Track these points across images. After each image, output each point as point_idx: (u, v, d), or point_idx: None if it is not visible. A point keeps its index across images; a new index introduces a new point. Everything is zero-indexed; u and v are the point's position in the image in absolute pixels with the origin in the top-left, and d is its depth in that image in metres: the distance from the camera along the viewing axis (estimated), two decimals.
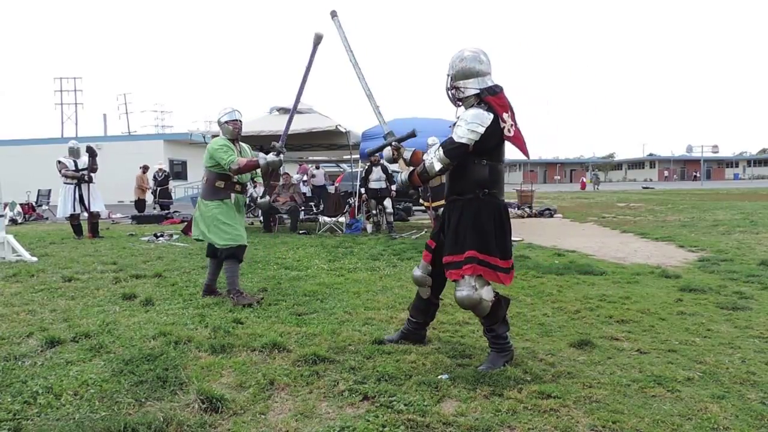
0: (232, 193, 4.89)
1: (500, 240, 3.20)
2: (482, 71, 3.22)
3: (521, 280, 5.76)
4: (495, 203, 3.23)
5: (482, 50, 3.28)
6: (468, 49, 3.27)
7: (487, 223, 3.17)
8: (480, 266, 3.13)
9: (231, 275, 4.85)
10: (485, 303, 3.14)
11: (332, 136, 11.53)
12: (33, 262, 7.26)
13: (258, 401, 2.75)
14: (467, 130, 3.10)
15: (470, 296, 3.11)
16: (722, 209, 16.04)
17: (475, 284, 3.13)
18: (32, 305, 4.77)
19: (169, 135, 36.72)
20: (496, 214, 3.21)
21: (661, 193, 30.88)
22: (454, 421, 2.50)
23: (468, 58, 3.22)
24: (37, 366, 3.24)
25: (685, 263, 6.90)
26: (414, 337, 3.62)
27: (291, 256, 7.57)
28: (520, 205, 17.16)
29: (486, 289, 3.17)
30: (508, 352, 3.24)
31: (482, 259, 3.14)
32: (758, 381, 2.96)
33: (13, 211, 15.46)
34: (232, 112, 4.96)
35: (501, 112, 3.16)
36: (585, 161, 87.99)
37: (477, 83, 3.21)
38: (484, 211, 3.18)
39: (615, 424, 2.46)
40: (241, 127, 4.98)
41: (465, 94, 3.24)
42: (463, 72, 3.22)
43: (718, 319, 4.21)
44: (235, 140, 4.96)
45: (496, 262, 3.17)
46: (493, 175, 3.22)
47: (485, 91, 3.19)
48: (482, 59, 3.23)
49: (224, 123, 4.92)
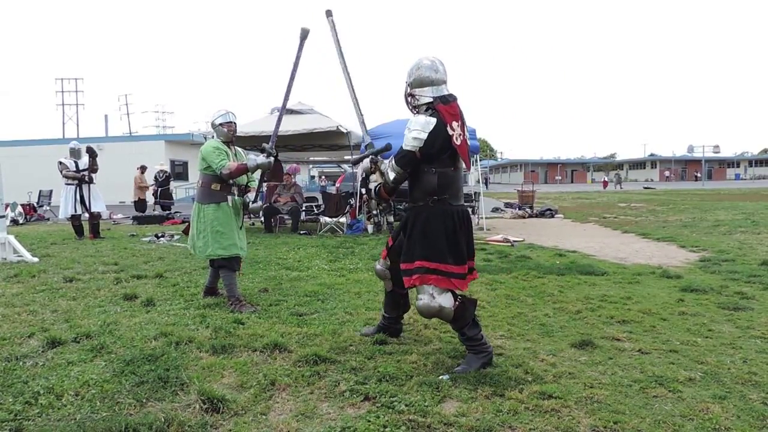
0: (229, 195, 4.78)
1: (452, 246, 3.19)
2: (438, 80, 3.29)
3: (522, 281, 5.76)
4: (446, 210, 3.23)
5: (439, 60, 3.35)
6: (426, 58, 3.34)
7: (437, 230, 3.19)
8: (430, 275, 3.15)
9: (228, 284, 4.74)
10: (446, 310, 3.16)
11: (333, 137, 11.52)
12: (34, 262, 7.27)
13: (259, 402, 2.75)
14: (411, 138, 3.17)
15: (428, 305, 3.14)
16: (723, 209, 16.02)
17: (433, 293, 3.15)
18: (33, 306, 4.78)
19: (171, 135, 36.76)
20: (447, 220, 3.21)
21: (663, 194, 30.86)
22: (455, 422, 2.49)
23: (424, 66, 3.30)
24: (38, 366, 3.24)
25: (687, 263, 6.89)
26: (390, 331, 3.74)
27: (292, 257, 7.57)
28: (521, 206, 17.17)
29: (444, 296, 3.16)
30: (485, 353, 3.22)
31: (432, 268, 3.15)
32: (760, 381, 2.96)
33: (15, 212, 15.49)
34: (227, 114, 4.85)
35: (450, 121, 3.20)
36: (586, 161, 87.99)
37: (432, 92, 3.28)
38: (433, 219, 3.21)
39: (616, 425, 2.46)
40: (235, 129, 4.89)
41: (420, 101, 3.31)
42: (419, 80, 3.29)
43: (719, 320, 4.20)
44: (230, 143, 4.89)
45: (448, 269, 3.16)
46: (442, 182, 3.23)
47: (438, 100, 3.25)
48: (438, 68, 3.30)
49: (218, 125, 4.83)
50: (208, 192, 4.75)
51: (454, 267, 3.18)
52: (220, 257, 4.71)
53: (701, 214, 14.53)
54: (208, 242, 4.71)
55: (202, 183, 4.80)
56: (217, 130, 4.87)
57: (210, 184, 4.74)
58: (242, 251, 4.86)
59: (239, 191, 4.89)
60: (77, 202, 10.05)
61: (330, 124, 11.15)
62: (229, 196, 4.79)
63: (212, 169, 4.69)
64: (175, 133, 40.72)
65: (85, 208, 10.09)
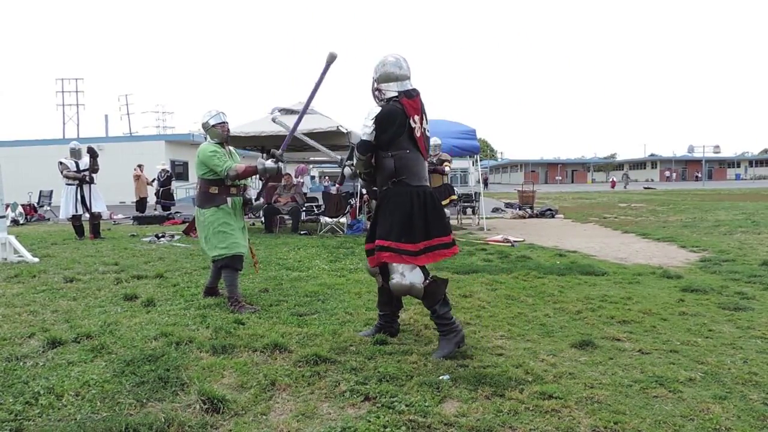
0: (228, 197, 4.77)
1: (406, 225, 3.38)
2: (402, 76, 3.55)
3: (522, 281, 5.76)
4: (404, 191, 3.46)
5: (403, 57, 3.62)
6: (391, 56, 3.60)
7: (392, 211, 3.43)
8: (383, 252, 3.39)
9: (230, 284, 4.71)
10: (416, 287, 3.38)
11: (333, 137, 11.51)
12: (34, 262, 7.27)
13: (259, 402, 2.75)
14: (363, 126, 3.48)
15: (400, 283, 3.38)
16: (724, 209, 16.02)
17: (403, 271, 3.38)
18: (34, 306, 4.78)
19: (171, 136, 36.76)
20: (404, 200, 3.43)
21: (663, 194, 30.86)
22: (456, 422, 2.49)
23: (390, 63, 3.56)
24: (38, 366, 3.25)
25: (687, 264, 6.89)
26: (387, 330, 3.79)
27: (292, 257, 7.58)
28: (521, 206, 17.17)
29: (413, 274, 3.38)
30: (455, 333, 3.42)
31: (386, 245, 3.39)
32: (760, 381, 2.96)
33: (15, 212, 15.49)
34: (218, 114, 4.82)
35: (412, 114, 3.49)
36: (587, 161, 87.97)
37: (397, 86, 3.54)
38: (392, 200, 3.46)
39: (616, 425, 2.46)
40: (228, 129, 4.87)
41: (386, 95, 3.56)
42: (385, 76, 3.56)
43: (719, 320, 4.20)
44: (224, 143, 4.87)
45: (399, 246, 3.36)
46: (398, 164, 3.47)
47: (402, 94, 3.52)
48: (402, 65, 3.57)
49: (212, 126, 4.79)
50: (206, 196, 4.74)
51: (405, 245, 3.37)
52: (223, 257, 4.70)
53: (701, 215, 14.53)
54: (211, 244, 4.72)
55: (201, 187, 4.79)
56: (211, 132, 4.83)
57: (208, 188, 4.73)
58: (245, 249, 4.85)
59: (238, 191, 4.87)
60: (78, 203, 10.05)
61: (330, 124, 11.15)
62: (228, 197, 4.77)
63: (211, 172, 4.66)
64: (176, 134, 40.70)
65: (86, 209, 10.09)
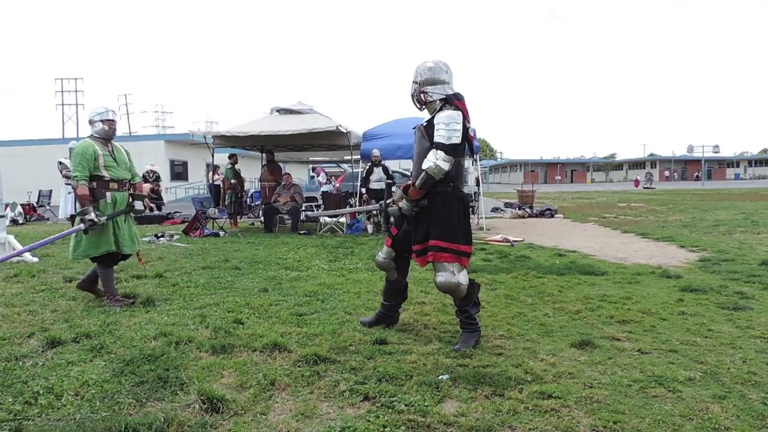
0: (108, 192, 4.73)
1: (463, 227, 3.58)
2: (448, 80, 3.66)
3: (522, 281, 5.76)
4: (459, 195, 3.63)
5: (444, 62, 3.70)
6: (431, 60, 3.70)
7: (451, 213, 3.53)
8: (442, 253, 3.49)
9: (104, 279, 4.74)
10: (462, 286, 3.52)
11: (333, 137, 11.53)
12: (34, 262, 7.27)
13: (259, 401, 2.75)
14: (453, 131, 3.44)
15: (449, 280, 3.49)
16: (723, 209, 16.03)
17: (453, 270, 3.50)
18: (33, 306, 4.78)
19: (170, 135, 36.77)
20: (459, 204, 3.60)
21: (662, 194, 30.87)
22: (455, 422, 2.49)
23: (434, 68, 3.65)
24: (38, 366, 3.24)
25: (686, 263, 6.89)
26: (389, 320, 3.95)
27: (292, 257, 7.57)
28: (521, 206, 17.17)
29: (463, 274, 3.54)
30: (478, 332, 3.64)
31: (445, 247, 3.49)
32: (759, 381, 2.96)
33: (14, 212, 15.46)
34: (106, 111, 4.82)
35: (467, 116, 3.58)
36: (586, 161, 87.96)
37: (443, 89, 3.63)
38: (449, 203, 3.55)
39: (616, 425, 2.46)
40: (115, 127, 4.86)
41: (432, 98, 3.64)
42: (431, 80, 3.63)
43: (719, 320, 4.20)
44: (109, 140, 4.83)
45: (459, 248, 3.52)
46: (457, 170, 3.58)
47: (453, 97, 3.59)
48: (448, 70, 3.67)
49: (97, 122, 4.77)
50: None
51: (464, 246, 3.55)
52: (89, 257, 4.69)
53: (701, 214, 14.53)
54: (80, 242, 4.68)
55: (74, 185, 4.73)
56: (96, 127, 4.79)
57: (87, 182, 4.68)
58: (124, 248, 4.80)
59: (119, 186, 4.83)
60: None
61: (330, 124, 11.15)
62: (108, 192, 4.74)
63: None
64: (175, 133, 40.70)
65: None
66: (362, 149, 11.75)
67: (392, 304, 3.97)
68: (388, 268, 3.92)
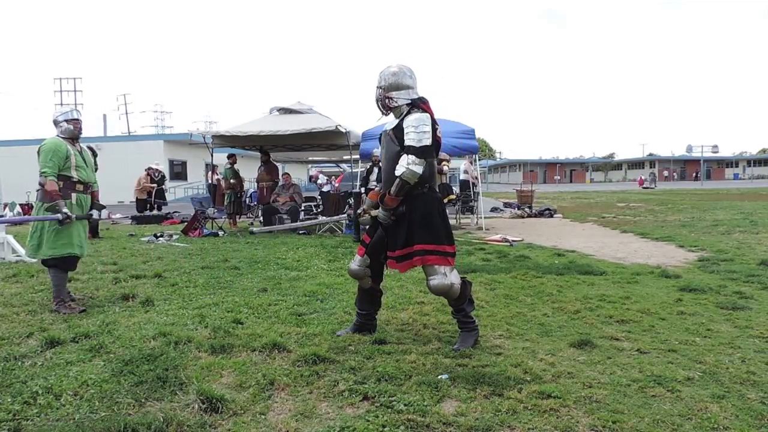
0: (73, 193, 4.67)
1: (445, 228, 3.59)
2: (412, 84, 3.68)
3: (521, 281, 5.76)
4: (435, 196, 3.64)
5: (408, 66, 3.73)
6: (395, 65, 3.70)
7: (433, 215, 3.55)
8: (429, 256, 3.49)
9: (56, 284, 4.62)
10: (455, 287, 3.53)
11: (332, 137, 11.52)
12: (33, 262, 7.23)
13: (258, 401, 2.75)
14: (422, 133, 3.46)
15: (443, 283, 3.50)
16: (722, 209, 16.04)
17: (445, 272, 3.50)
18: (32, 305, 4.77)
19: (169, 135, 36.76)
20: (438, 205, 3.63)
21: (661, 193, 30.89)
22: (454, 421, 2.49)
23: (398, 73, 3.66)
24: (36, 366, 3.24)
25: (685, 263, 6.90)
26: (367, 327, 3.86)
27: (291, 257, 7.57)
28: (520, 205, 17.17)
29: (453, 274, 3.54)
30: (476, 331, 3.66)
31: (431, 249, 3.50)
32: (758, 381, 2.96)
33: (13, 212, 15.48)
34: (71, 111, 4.83)
35: (434, 118, 3.59)
36: (585, 161, 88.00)
37: (408, 94, 3.64)
38: (429, 205, 3.56)
39: (615, 424, 2.46)
40: (81, 126, 4.82)
41: (397, 103, 3.64)
42: (396, 84, 3.64)
43: (718, 319, 4.21)
44: (76, 140, 4.80)
45: (444, 249, 3.54)
46: (430, 171, 3.57)
47: (418, 101, 3.62)
48: (410, 75, 3.69)
49: (62, 122, 4.73)
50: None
51: (448, 247, 3.56)
52: (51, 257, 4.62)
53: (700, 214, 14.54)
54: (42, 242, 4.60)
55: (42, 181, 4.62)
56: (61, 127, 4.75)
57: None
58: (80, 249, 4.74)
59: (85, 188, 4.80)
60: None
61: (329, 124, 11.15)
62: (73, 193, 4.69)
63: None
64: (174, 133, 40.65)
65: None
66: (362, 149, 11.75)
67: (369, 312, 3.87)
68: (363, 276, 3.80)
